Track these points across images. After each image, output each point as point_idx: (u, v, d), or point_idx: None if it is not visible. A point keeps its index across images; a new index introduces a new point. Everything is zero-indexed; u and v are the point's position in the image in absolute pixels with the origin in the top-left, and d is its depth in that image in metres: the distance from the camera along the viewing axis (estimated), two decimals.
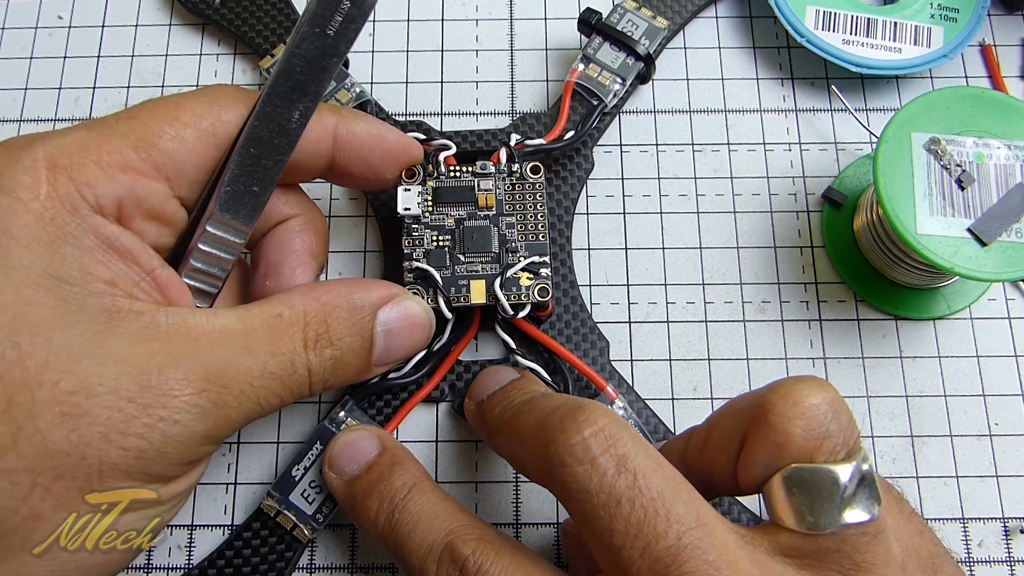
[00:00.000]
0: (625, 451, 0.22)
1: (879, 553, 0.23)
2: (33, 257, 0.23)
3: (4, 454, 0.22)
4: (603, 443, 0.22)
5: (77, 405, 0.22)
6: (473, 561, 0.25)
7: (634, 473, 0.22)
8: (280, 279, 0.30)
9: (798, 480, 0.23)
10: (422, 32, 0.41)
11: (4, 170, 0.23)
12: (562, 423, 0.23)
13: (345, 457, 0.30)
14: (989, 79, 0.39)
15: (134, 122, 0.26)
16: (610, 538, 0.22)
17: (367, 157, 0.30)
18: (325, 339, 0.27)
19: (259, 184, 0.27)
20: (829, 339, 0.36)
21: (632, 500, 0.22)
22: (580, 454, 0.22)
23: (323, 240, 0.31)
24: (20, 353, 0.22)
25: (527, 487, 0.34)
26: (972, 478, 0.34)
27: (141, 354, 0.23)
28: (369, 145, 0.30)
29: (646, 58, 0.37)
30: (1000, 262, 0.30)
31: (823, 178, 0.38)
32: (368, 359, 0.29)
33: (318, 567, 0.33)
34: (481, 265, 0.33)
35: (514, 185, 0.34)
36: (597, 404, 0.24)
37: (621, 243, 0.37)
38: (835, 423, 0.23)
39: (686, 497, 0.22)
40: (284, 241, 0.30)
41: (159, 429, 0.23)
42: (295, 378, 0.26)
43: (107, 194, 0.24)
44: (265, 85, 0.27)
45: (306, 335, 0.27)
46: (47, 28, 0.41)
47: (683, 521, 0.21)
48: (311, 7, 0.27)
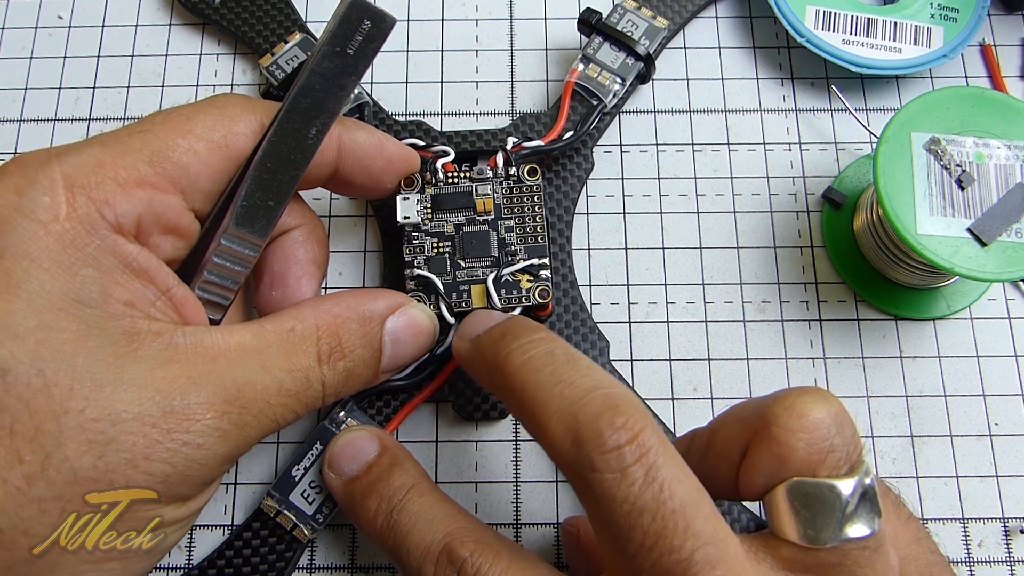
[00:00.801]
0: (655, 460, 0.22)
1: (879, 567, 0.23)
2: (54, 281, 0.23)
3: (33, 482, 0.22)
4: (636, 452, 0.22)
5: (103, 432, 0.22)
6: (471, 563, 0.25)
7: (661, 484, 0.22)
8: (286, 289, 0.30)
9: (800, 494, 0.22)
10: (422, 32, 0.41)
11: (23, 190, 0.23)
12: (598, 423, 0.22)
13: (345, 457, 0.30)
14: (989, 79, 0.39)
15: (147, 136, 0.26)
16: (625, 545, 0.22)
17: (369, 167, 0.31)
18: (338, 352, 0.27)
19: (274, 198, 0.27)
20: (829, 339, 0.36)
21: (655, 512, 0.21)
22: (614, 463, 0.22)
23: (325, 249, 0.32)
24: (45, 380, 0.22)
25: (527, 487, 0.34)
26: (972, 478, 0.34)
27: (162, 378, 0.24)
28: (371, 155, 0.31)
29: (646, 58, 0.37)
30: (1000, 262, 0.30)
31: (823, 178, 0.38)
32: (377, 368, 0.29)
33: (318, 567, 0.33)
34: (481, 270, 0.33)
35: (511, 189, 0.34)
36: (633, 401, 0.23)
37: (621, 243, 0.37)
38: (839, 437, 0.23)
39: (707, 511, 0.22)
40: (288, 252, 0.30)
41: (183, 453, 0.24)
42: (310, 393, 0.27)
43: (126, 212, 0.24)
44: (285, 102, 0.28)
45: (320, 349, 0.27)
46: (47, 28, 0.41)
47: (700, 536, 0.21)
48: (332, 26, 0.28)
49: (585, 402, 0.23)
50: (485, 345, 0.27)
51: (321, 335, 0.27)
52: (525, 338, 0.26)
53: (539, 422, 0.24)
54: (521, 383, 0.25)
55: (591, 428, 0.22)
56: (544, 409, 0.24)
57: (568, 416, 0.23)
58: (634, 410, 0.23)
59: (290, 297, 0.30)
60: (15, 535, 0.22)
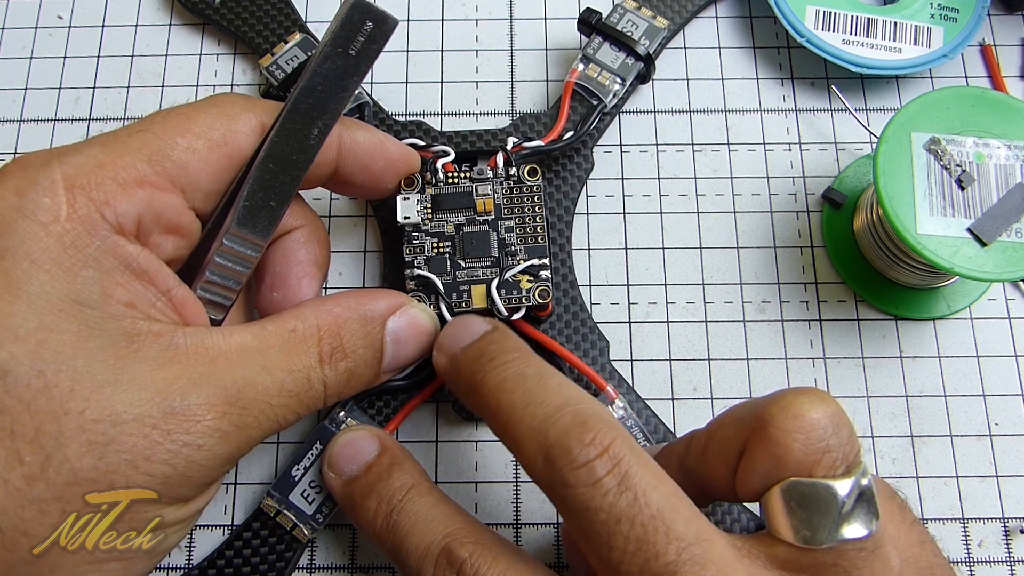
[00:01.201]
0: (628, 469, 0.22)
1: (876, 568, 0.23)
2: (55, 282, 0.23)
3: (33, 483, 0.22)
4: (608, 464, 0.22)
5: (103, 433, 0.22)
6: (470, 564, 0.25)
7: (635, 491, 0.22)
8: (287, 290, 0.30)
9: (796, 494, 0.23)
10: (422, 32, 0.41)
11: (24, 192, 0.23)
12: (567, 439, 0.23)
13: (344, 457, 0.30)
14: (989, 79, 0.39)
15: (147, 135, 0.26)
16: (609, 554, 0.22)
17: (370, 166, 0.31)
18: (340, 352, 0.27)
19: (276, 199, 0.27)
20: (829, 339, 0.36)
21: (632, 518, 0.22)
22: (585, 477, 0.22)
23: (326, 250, 0.32)
24: (46, 382, 0.22)
25: (527, 487, 0.34)
26: (972, 478, 0.34)
27: (163, 379, 0.24)
28: (372, 154, 0.31)
29: (646, 58, 0.37)
30: (1000, 262, 0.30)
31: (823, 178, 0.38)
32: (378, 368, 0.29)
33: (318, 567, 0.33)
34: (482, 270, 0.33)
35: (511, 189, 0.34)
36: (600, 415, 0.24)
37: (621, 243, 0.37)
38: (835, 438, 0.23)
39: (686, 514, 0.22)
40: (289, 252, 0.30)
41: (183, 455, 0.24)
42: (311, 393, 0.27)
43: (126, 212, 0.24)
44: (287, 102, 0.28)
45: (321, 350, 0.27)
46: (47, 28, 0.41)
47: (683, 538, 0.21)
48: (334, 27, 0.28)
49: (554, 420, 0.24)
50: (461, 365, 0.28)
51: (323, 335, 0.27)
52: (499, 359, 0.27)
53: (514, 442, 0.25)
54: (496, 405, 0.26)
55: (561, 446, 0.23)
56: (517, 430, 0.24)
57: (539, 435, 0.24)
58: (602, 424, 0.23)
59: (291, 298, 0.30)
60: (15, 536, 0.22)
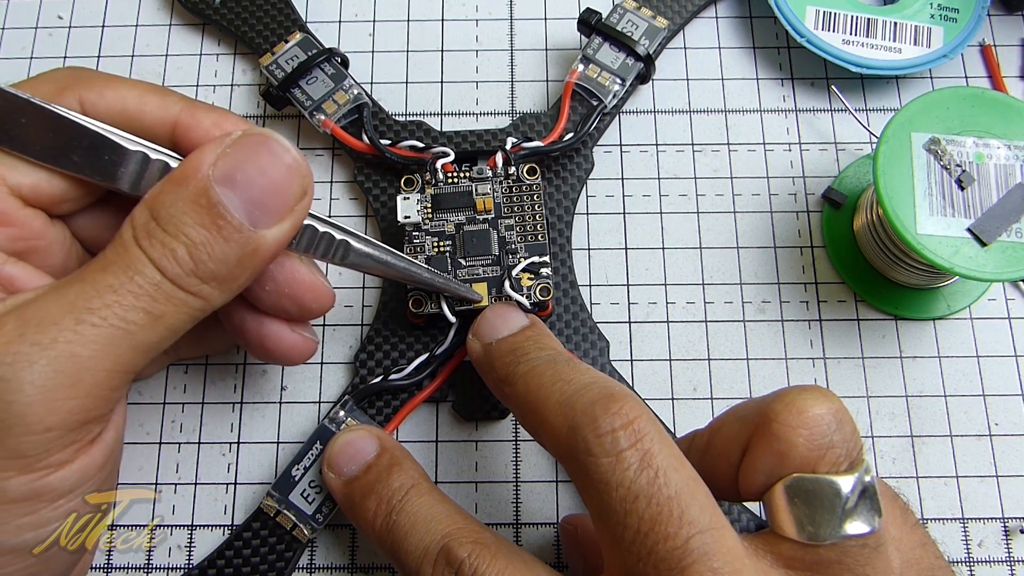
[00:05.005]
0: (650, 447, 0.22)
1: (879, 566, 0.23)
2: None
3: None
4: (631, 437, 0.22)
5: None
6: (469, 564, 0.25)
7: (656, 470, 0.22)
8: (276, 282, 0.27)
9: (799, 490, 0.23)
10: (422, 32, 0.41)
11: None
12: (593, 409, 0.23)
13: (344, 457, 0.30)
14: (989, 79, 0.39)
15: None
16: (622, 532, 0.22)
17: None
18: (152, 226, 0.23)
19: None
20: (829, 339, 0.36)
21: (649, 497, 0.22)
22: (608, 446, 0.22)
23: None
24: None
25: (527, 487, 0.34)
26: (972, 478, 0.34)
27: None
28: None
29: (646, 58, 0.37)
30: (1000, 262, 0.30)
31: (823, 178, 0.38)
32: (232, 223, 0.23)
33: (318, 567, 0.33)
34: (482, 268, 0.33)
35: (511, 188, 0.34)
36: (629, 393, 0.24)
37: (621, 243, 0.37)
38: (838, 434, 0.23)
39: (703, 500, 0.22)
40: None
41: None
42: (142, 279, 0.23)
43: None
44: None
45: (135, 232, 0.23)
46: (47, 28, 0.41)
47: (695, 524, 0.21)
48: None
49: (582, 393, 0.24)
50: (495, 357, 0.29)
51: (134, 222, 0.24)
52: (533, 355, 0.27)
53: (540, 417, 0.25)
54: (524, 388, 0.26)
55: (587, 414, 0.23)
56: (545, 404, 0.25)
57: (566, 407, 0.24)
58: (630, 399, 0.23)
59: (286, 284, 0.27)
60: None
